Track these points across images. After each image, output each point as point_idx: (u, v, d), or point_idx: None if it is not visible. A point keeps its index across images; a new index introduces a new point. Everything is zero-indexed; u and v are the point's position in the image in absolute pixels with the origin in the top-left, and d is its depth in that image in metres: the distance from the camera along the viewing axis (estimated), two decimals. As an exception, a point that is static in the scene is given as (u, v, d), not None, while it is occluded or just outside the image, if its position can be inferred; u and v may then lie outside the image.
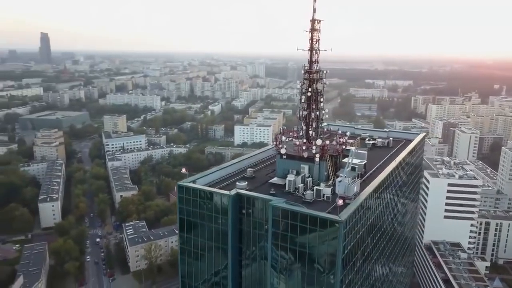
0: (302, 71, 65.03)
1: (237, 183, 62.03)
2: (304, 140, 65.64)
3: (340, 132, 74.40)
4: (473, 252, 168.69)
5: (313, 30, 63.15)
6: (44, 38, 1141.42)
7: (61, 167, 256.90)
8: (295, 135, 69.54)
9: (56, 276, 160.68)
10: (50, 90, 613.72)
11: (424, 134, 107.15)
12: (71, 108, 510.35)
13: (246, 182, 62.64)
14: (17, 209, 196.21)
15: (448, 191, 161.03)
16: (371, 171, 72.38)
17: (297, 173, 65.94)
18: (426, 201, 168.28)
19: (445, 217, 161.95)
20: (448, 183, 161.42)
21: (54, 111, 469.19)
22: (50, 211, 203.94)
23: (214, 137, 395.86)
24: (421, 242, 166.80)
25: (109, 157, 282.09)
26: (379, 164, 76.69)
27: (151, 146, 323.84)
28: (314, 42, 63.78)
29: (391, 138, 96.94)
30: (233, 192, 57.94)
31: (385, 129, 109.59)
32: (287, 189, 63.45)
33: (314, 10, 62.23)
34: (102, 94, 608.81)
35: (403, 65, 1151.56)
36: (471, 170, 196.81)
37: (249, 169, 71.58)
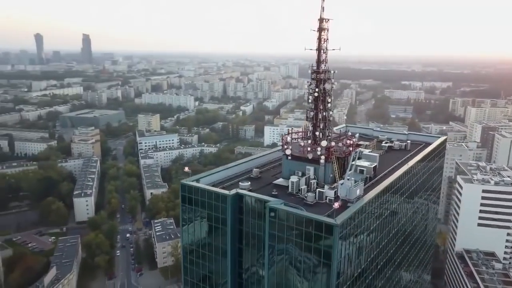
0: (309, 71, 64.07)
1: (240, 183, 61.63)
2: (310, 141, 64.53)
3: (350, 133, 72.46)
4: (509, 263, 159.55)
5: (320, 29, 62.19)
6: (86, 40, 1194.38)
7: (96, 163, 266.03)
8: (303, 136, 68.41)
9: (87, 268, 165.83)
10: (89, 89, 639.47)
11: (444, 137, 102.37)
12: (108, 107, 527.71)
13: (249, 182, 62.09)
14: (54, 203, 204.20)
15: (483, 198, 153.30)
16: (381, 174, 69.86)
17: (303, 175, 64.80)
18: (459, 207, 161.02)
19: (479, 224, 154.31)
20: (483, 189, 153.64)
21: (92, 110, 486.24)
22: (84, 206, 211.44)
23: (244, 137, 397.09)
24: (453, 250, 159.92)
25: (141, 155, 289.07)
26: (391, 167, 73.94)
27: (182, 145, 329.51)
28: (322, 42, 62.80)
29: (409, 141, 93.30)
30: (232, 192, 57.53)
31: (405, 132, 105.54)
32: (290, 190, 62.51)
33: (322, 9, 61.35)
34: (138, 94, 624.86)
35: (444, 66, 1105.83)
36: (509, 176, 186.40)
37: (255, 170, 70.81)
